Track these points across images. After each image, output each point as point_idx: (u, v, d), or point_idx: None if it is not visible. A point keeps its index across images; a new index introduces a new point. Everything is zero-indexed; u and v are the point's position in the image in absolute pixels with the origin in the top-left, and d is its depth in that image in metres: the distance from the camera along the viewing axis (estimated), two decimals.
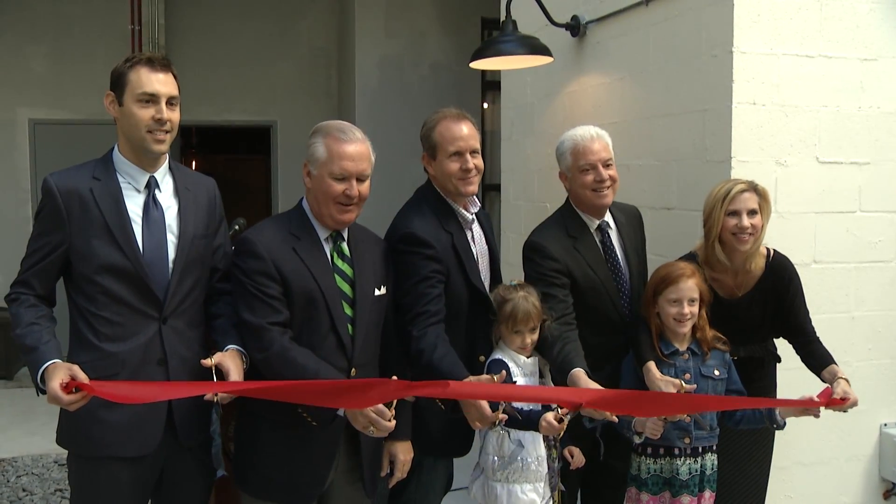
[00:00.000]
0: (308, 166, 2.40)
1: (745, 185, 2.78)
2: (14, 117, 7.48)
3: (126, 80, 2.24)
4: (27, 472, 4.77)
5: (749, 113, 3.17)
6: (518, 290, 2.64)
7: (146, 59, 2.26)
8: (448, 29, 7.46)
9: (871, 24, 3.29)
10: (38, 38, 7.52)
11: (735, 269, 2.82)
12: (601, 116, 4.04)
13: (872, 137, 3.32)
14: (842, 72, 3.27)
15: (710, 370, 2.70)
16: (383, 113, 7.24)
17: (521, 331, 2.62)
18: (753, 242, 2.75)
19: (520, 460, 2.61)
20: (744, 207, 2.73)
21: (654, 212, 3.65)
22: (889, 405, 3.46)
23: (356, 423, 2.23)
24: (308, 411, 2.29)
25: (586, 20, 4.09)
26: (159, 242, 2.28)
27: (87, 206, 2.22)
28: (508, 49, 3.70)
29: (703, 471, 2.72)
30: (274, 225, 2.41)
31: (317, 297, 2.33)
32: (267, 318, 2.27)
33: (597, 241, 2.87)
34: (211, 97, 7.82)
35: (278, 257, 2.31)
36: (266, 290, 2.28)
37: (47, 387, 2.05)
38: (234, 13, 7.97)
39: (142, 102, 2.23)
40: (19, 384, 6.70)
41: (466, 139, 2.65)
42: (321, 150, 2.36)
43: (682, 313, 2.67)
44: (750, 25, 3.14)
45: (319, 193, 2.37)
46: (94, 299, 2.24)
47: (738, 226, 2.73)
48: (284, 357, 2.25)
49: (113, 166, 2.30)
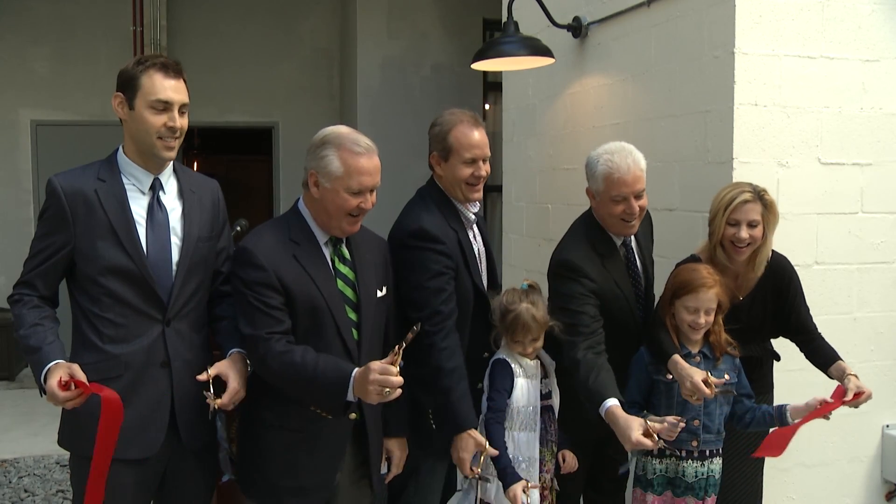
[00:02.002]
0: (316, 177, 2.31)
1: (750, 194, 2.73)
2: (16, 118, 7.50)
3: (139, 84, 2.22)
4: (29, 473, 4.77)
5: (751, 114, 3.17)
6: (523, 301, 2.62)
7: (161, 64, 2.24)
8: (450, 30, 7.46)
9: (872, 25, 3.29)
10: (39, 40, 7.54)
11: (736, 272, 2.82)
12: (603, 118, 4.04)
13: (874, 138, 3.32)
14: (844, 73, 3.27)
15: (720, 374, 2.68)
16: (385, 114, 7.25)
17: (521, 341, 2.64)
18: (750, 253, 2.76)
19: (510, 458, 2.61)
20: (744, 219, 2.71)
21: (655, 213, 3.64)
22: (891, 406, 3.45)
23: (369, 396, 2.11)
24: (320, 405, 2.27)
25: (588, 21, 4.09)
26: (163, 244, 2.28)
27: (93, 208, 2.21)
28: (510, 50, 3.69)
29: (709, 475, 2.71)
30: (272, 231, 2.35)
31: (320, 305, 2.29)
32: (266, 329, 2.23)
33: (622, 256, 2.84)
34: (213, 98, 7.83)
35: (279, 266, 2.26)
36: (268, 301, 2.24)
37: (46, 385, 2.06)
38: (235, 14, 7.98)
39: (155, 109, 2.23)
40: (21, 385, 6.71)
41: (482, 147, 2.68)
42: (336, 164, 2.28)
43: (698, 322, 2.64)
44: (752, 26, 3.14)
45: (331, 206, 2.31)
46: (97, 301, 2.23)
47: (736, 237, 2.72)
48: (281, 360, 2.21)
49: (118, 168, 2.29)
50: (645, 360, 2.73)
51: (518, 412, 2.63)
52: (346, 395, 2.18)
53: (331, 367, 2.22)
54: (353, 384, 2.16)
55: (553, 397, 2.73)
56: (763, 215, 2.73)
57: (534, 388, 2.66)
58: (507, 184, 5.21)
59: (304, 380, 2.21)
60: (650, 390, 2.72)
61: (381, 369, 2.08)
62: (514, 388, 2.62)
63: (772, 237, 2.79)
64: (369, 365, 2.11)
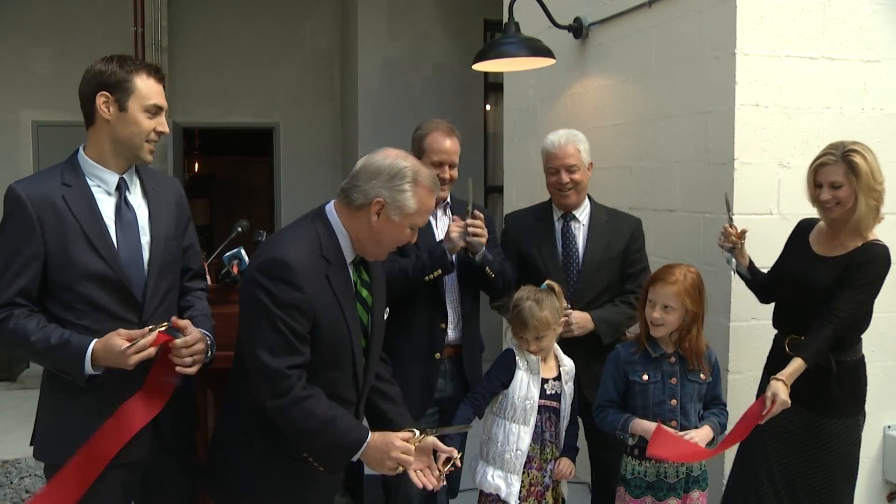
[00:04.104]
0: (385, 207, 2.11)
1: (832, 156, 2.69)
2: (17, 119, 7.51)
3: (132, 87, 2.18)
4: (30, 474, 4.77)
5: (752, 115, 3.16)
6: (530, 298, 2.68)
7: (153, 69, 2.21)
8: (450, 31, 7.46)
9: (874, 25, 3.29)
10: (41, 41, 7.55)
11: (835, 233, 2.78)
12: (603, 118, 4.04)
13: (875, 139, 3.31)
14: (845, 73, 3.27)
15: (696, 374, 2.71)
16: (386, 115, 7.25)
17: (522, 337, 2.69)
18: (841, 213, 2.70)
19: (498, 445, 2.69)
20: (825, 180, 2.70)
21: (656, 214, 3.65)
22: (893, 407, 3.45)
23: (381, 466, 2.10)
24: (319, 459, 2.14)
25: (589, 22, 4.09)
26: (134, 245, 2.22)
27: (62, 215, 2.13)
28: (511, 51, 3.69)
29: (689, 472, 2.71)
30: (306, 245, 2.10)
31: (342, 333, 2.14)
32: (288, 363, 2.04)
33: (557, 228, 3.18)
34: (214, 99, 7.83)
35: (315, 290, 2.06)
36: (296, 329, 2.04)
37: (112, 350, 2.06)
38: (236, 15, 7.99)
39: (150, 113, 2.20)
40: (22, 386, 6.70)
41: (449, 153, 2.93)
42: (413, 201, 2.13)
43: (653, 316, 2.67)
44: (753, 27, 3.14)
45: (388, 238, 2.17)
46: (72, 308, 2.15)
47: (821, 198, 2.71)
48: (302, 408, 2.05)
49: (81, 171, 2.22)
50: (621, 359, 2.74)
51: (513, 404, 2.69)
52: (353, 456, 2.12)
53: (348, 428, 2.11)
54: (363, 450, 2.11)
55: (562, 401, 2.75)
56: (847, 176, 2.66)
57: (534, 385, 2.69)
58: (508, 184, 5.21)
59: (317, 433, 2.08)
60: (626, 390, 2.73)
61: (404, 448, 2.08)
62: (513, 380, 2.69)
63: (867, 200, 2.66)
64: (392, 441, 2.10)
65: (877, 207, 2.72)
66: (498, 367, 2.73)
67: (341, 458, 2.12)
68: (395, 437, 2.11)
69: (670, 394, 2.68)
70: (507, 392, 2.69)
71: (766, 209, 3.22)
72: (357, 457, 2.10)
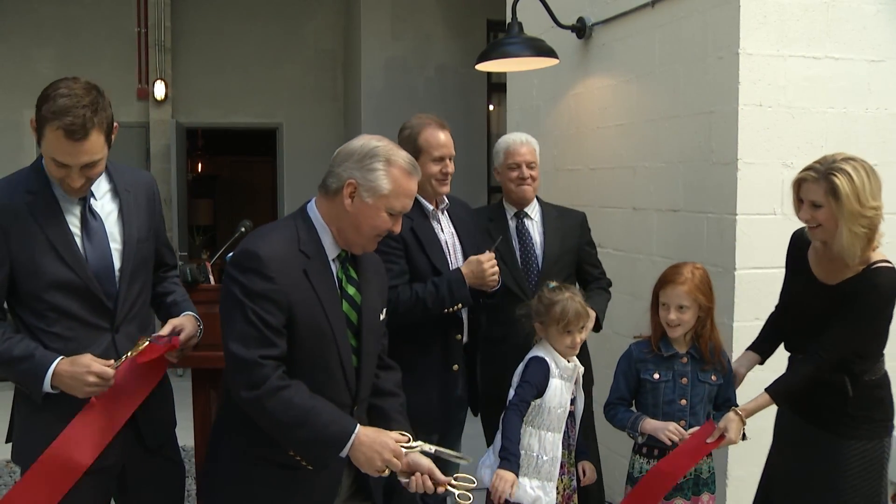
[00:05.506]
0: (357, 188, 2.06)
1: (814, 173, 2.41)
2: (20, 119, 7.50)
3: (43, 133, 2.09)
4: None
5: (755, 115, 3.16)
6: (563, 292, 2.69)
7: (66, 127, 2.03)
8: (454, 31, 7.46)
9: (878, 25, 3.28)
10: (44, 41, 7.56)
11: (830, 255, 2.49)
12: (607, 118, 4.04)
13: (880, 139, 3.31)
14: (849, 73, 3.26)
15: (707, 376, 2.69)
16: (389, 115, 7.22)
17: (573, 330, 2.66)
18: (824, 236, 2.44)
19: (534, 455, 2.62)
20: (805, 198, 2.45)
21: (659, 214, 3.64)
22: None
23: (371, 464, 2.02)
24: (305, 455, 2.06)
25: (592, 22, 4.09)
26: (103, 253, 2.18)
27: (26, 223, 2.09)
28: (514, 51, 3.69)
29: (698, 474, 2.70)
30: (283, 239, 2.07)
31: (325, 331, 2.07)
32: (260, 352, 1.97)
33: (511, 226, 3.31)
34: (217, 99, 7.84)
35: (289, 282, 2.00)
36: (267, 320, 1.98)
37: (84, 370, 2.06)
38: (240, 16, 7.99)
39: (56, 162, 2.08)
40: None
41: (449, 147, 2.92)
42: (385, 180, 2.06)
43: (669, 318, 2.66)
44: (756, 27, 3.13)
45: (365, 223, 2.09)
46: (43, 316, 2.13)
47: (800, 216, 2.49)
48: (278, 397, 1.97)
49: (45, 177, 2.16)
50: (633, 357, 2.74)
51: (549, 412, 2.63)
52: (341, 451, 2.02)
53: (332, 417, 2.02)
54: (352, 443, 2.01)
55: (577, 403, 2.75)
56: (826, 197, 2.36)
57: (566, 391, 2.67)
58: None
59: (298, 423, 1.98)
60: (637, 388, 2.73)
61: (397, 452, 2.02)
62: (548, 388, 2.63)
63: (850, 227, 2.35)
64: (386, 440, 2.03)
65: (866, 235, 2.38)
66: (532, 373, 2.63)
67: (327, 452, 2.03)
68: (390, 436, 2.05)
69: (680, 394, 2.67)
70: (542, 400, 2.62)
71: (770, 209, 3.21)
72: (346, 452, 2.01)
